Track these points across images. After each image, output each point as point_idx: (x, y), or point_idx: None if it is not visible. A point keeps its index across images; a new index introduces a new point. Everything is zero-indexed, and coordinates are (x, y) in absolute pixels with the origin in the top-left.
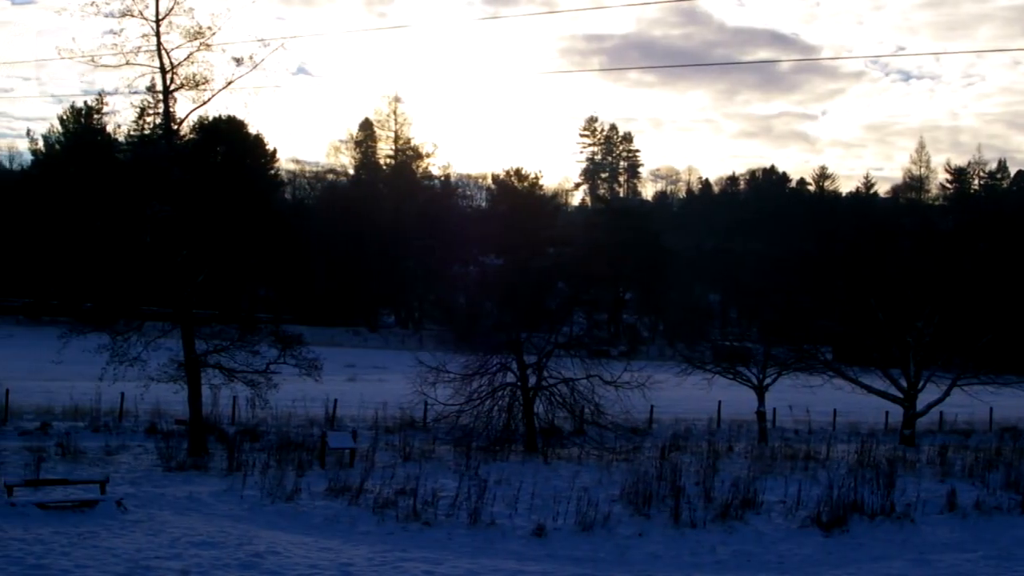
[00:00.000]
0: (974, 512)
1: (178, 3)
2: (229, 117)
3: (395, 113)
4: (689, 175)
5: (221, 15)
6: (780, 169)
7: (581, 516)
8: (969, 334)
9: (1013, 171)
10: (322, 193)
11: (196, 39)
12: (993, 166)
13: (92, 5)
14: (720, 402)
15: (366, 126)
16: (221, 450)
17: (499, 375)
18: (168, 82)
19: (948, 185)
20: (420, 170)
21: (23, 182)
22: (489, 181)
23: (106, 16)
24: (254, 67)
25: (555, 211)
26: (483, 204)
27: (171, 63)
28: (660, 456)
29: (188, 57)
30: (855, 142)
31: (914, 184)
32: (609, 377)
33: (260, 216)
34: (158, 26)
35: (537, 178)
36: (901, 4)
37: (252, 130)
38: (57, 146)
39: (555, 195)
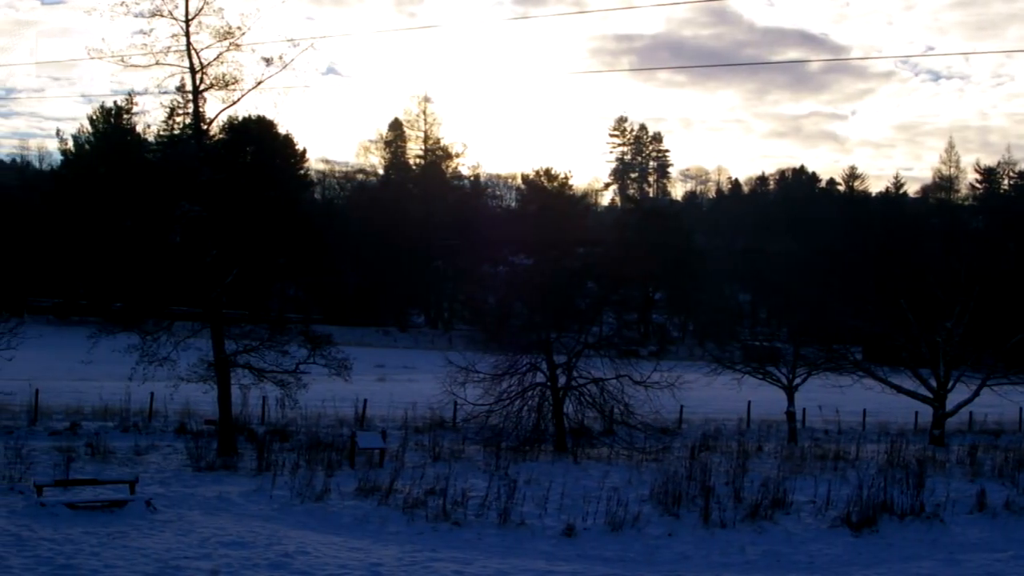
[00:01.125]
0: (1004, 512)
1: (208, 3)
2: (259, 117)
3: (425, 113)
4: (719, 175)
5: (251, 15)
6: (810, 169)
7: (611, 516)
8: (999, 334)
9: None
10: (352, 193)
11: (226, 39)
12: (1023, 166)
13: (122, 5)
14: (750, 402)
15: (396, 126)
16: (251, 450)
17: (529, 375)
18: (198, 82)
19: (978, 185)
20: (450, 170)
21: (53, 182)
22: (519, 181)
23: (136, 16)
24: (284, 67)
25: (585, 211)
26: (513, 204)
27: (201, 63)
28: (690, 456)
29: (218, 57)
30: (885, 142)
31: (944, 184)
32: (639, 377)
33: (289, 216)
34: (188, 26)
35: (567, 178)
36: (931, 4)
37: (281, 130)
38: (87, 146)
39: (585, 195)
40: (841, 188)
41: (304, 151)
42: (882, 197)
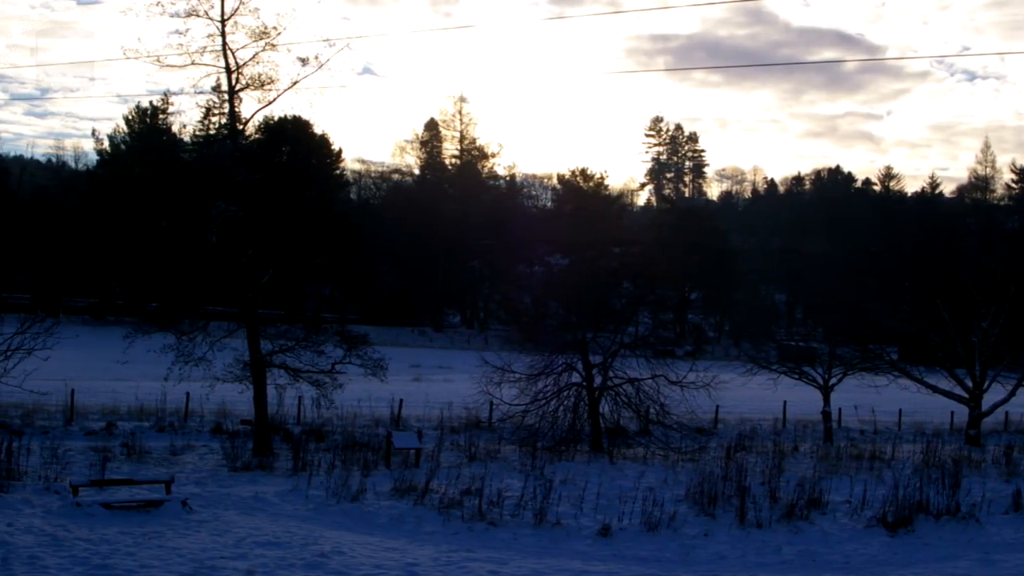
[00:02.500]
0: None
1: (243, 3)
2: (294, 117)
3: (460, 113)
4: (754, 175)
5: (286, 15)
6: (845, 169)
7: (647, 516)
8: None
9: None
10: (387, 193)
11: (261, 39)
12: None
13: (157, 5)
14: (785, 402)
15: (431, 126)
16: (286, 450)
17: (564, 375)
18: (233, 82)
19: (1013, 185)
20: (485, 170)
21: (89, 182)
22: (554, 181)
23: (171, 16)
24: (319, 67)
25: (620, 211)
26: (548, 204)
27: (236, 63)
28: (726, 456)
29: (253, 57)
30: (920, 142)
31: (979, 184)
32: (674, 377)
33: (325, 216)
34: (223, 26)
35: (602, 178)
36: (967, 4)
37: (317, 130)
38: (123, 146)
39: (620, 195)
40: (877, 188)
41: (340, 151)
42: (918, 197)
